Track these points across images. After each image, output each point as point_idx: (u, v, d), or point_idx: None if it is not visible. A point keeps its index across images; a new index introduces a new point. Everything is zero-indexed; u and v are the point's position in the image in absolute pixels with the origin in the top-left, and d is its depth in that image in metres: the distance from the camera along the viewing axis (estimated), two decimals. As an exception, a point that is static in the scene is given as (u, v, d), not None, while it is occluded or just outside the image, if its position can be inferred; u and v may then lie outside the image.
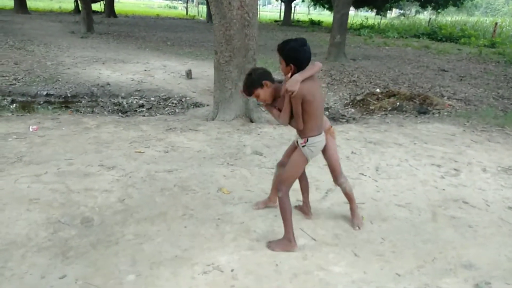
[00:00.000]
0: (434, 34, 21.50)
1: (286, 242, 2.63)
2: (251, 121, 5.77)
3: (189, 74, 8.79)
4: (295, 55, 2.29)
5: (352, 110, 7.30)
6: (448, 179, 3.99)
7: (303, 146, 2.52)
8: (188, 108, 6.83)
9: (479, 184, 3.92)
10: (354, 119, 6.54)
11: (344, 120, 6.56)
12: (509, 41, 19.57)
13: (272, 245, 2.65)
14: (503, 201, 3.57)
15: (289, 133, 5.19)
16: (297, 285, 2.34)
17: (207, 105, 6.84)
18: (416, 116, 6.59)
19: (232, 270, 2.42)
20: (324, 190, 3.56)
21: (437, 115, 6.76)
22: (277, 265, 2.50)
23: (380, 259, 2.65)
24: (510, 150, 4.99)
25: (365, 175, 3.96)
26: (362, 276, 2.47)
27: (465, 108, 7.38)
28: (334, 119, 6.57)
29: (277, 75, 9.85)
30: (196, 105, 7.00)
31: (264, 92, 2.45)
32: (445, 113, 6.86)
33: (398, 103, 7.19)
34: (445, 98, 8.16)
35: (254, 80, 2.44)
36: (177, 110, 6.69)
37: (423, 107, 7.03)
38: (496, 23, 22.54)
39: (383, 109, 7.00)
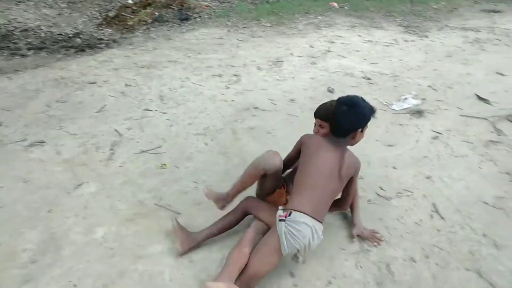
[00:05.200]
0: None
1: None
2: (-32, 76, 3.96)
3: None
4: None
5: (109, 30, 6.11)
6: (233, 88, 3.81)
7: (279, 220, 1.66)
8: None
9: (260, 84, 3.90)
10: (114, 41, 5.47)
11: (103, 45, 5.41)
12: None
13: None
14: (284, 95, 3.67)
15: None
16: None
17: None
18: (180, 25, 6.08)
19: None
20: (107, 147, 2.75)
21: (199, 19, 6.46)
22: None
23: (199, 208, 2.24)
24: (271, 42, 5.22)
25: (151, 110, 3.31)
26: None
27: (221, 7, 7.33)
28: (90, 46, 5.34)
29: None
30: None
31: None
32: (206, 16, 6.62)
33: (157, 13, 6.44)
34: (200, -1, 7.89)
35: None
36: None
37: (183, 13, 6.54)
38: None
39: (143, 22, 6.14)
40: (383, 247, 1.99)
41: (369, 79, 4.08)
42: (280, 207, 1.73)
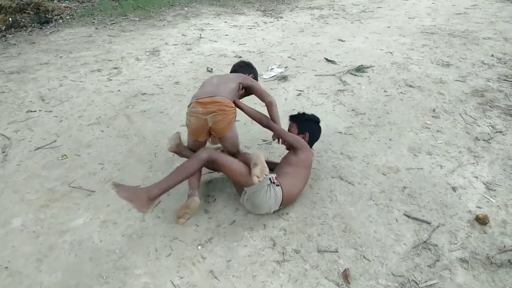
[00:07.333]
0: None
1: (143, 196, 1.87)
2: None
3: None
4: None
5: (-47, 42, 5.44)
6: (116, 80, 3.93)
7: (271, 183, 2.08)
8: None
9: (142, 73, 4.10)
10: (-35, 52, 4.94)
11: (-49, 58, 4.84)
12: None
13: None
14: (168, 80, 3.95)
15: None
16: None
17: None
18: (41, 28, 5.76)
19: None
20: (-4, 151, 2.70)
21: (61, 20, 6.18)
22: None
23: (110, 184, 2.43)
24: (144, 34, 5.38)
25: (34, 111, 3.26)
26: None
27: (82, 7, 7.09)
28: None
29: None
30: None
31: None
32: (68, 17, 6.37)
33: (10, 20, 5.94)
34: (56, 1, 7.46)
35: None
36: None
37: (41, 16, 6.17)
38: None
39: (-4, 30, 5.63)
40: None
41: (240, 57, 4.62)
42: (274, 175, 2.13)
